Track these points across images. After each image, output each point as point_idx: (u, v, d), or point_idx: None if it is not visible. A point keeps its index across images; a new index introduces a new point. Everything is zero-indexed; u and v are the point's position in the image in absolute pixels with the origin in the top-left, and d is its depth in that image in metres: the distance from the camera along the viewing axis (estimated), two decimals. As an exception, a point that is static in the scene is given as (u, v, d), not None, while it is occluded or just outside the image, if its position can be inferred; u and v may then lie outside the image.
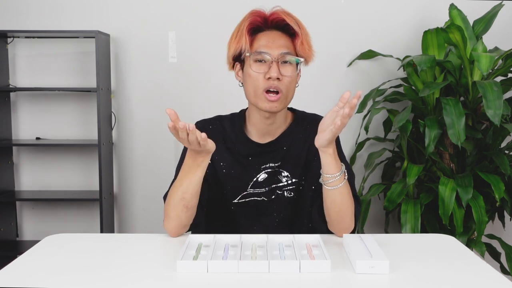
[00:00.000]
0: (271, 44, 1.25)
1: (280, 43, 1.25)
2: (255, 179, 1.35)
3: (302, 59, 1.27)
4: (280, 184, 1.35)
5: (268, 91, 1.25)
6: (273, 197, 1.35)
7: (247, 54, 1.26)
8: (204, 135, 1.08)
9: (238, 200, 1.35)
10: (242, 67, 1.31)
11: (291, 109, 1.43)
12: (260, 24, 1.27)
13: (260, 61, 1.26)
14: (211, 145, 1.14)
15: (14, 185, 2.76)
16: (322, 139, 1.15)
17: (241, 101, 1.43)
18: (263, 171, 1.35)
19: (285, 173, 1.35)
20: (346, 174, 1.21)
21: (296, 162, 1.36)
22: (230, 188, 1.35)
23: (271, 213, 1.36)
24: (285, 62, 1.26)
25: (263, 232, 1.29)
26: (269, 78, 1.24)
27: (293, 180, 1.35)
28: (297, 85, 1.32)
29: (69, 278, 1.00)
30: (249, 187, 1.35)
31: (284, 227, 1.37)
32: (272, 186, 1.35)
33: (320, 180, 1.21)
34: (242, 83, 1.33)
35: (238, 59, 1.31)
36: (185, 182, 1.19)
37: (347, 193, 1.22)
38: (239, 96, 1.41)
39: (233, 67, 1.34)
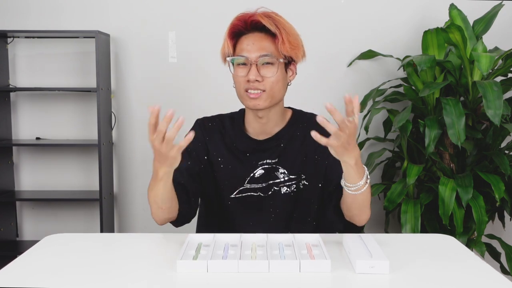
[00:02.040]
0: (251, 47, 1.28)
1: (261, 45, 1.28)
2: (252, 174, 1.37)
3: (281, 60, 1.29)
4: (277, 180, 1.37)
5: (249, 91, 1.29)
6: (269, 193, 1.37)
7: (228, 59, 1.32)
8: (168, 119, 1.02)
9: (235, 195, 1.37)
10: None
11: (290, 108, 1.46)
12: (241, 28, 1.31)
13: (243, 64, 1.30)
14: (173, 160, 1.10)
15: (14, 185, 2.76)
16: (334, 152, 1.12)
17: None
18: (260, 167, 1.37)
19: (282, 170, 1.37)
20: (369, 178, 1.19)
21: (294, 159, 1.38)
22: (228, 183, 1.38)
23: (267, 208, 1.38)
24: (267, 63, 1.29)
25: (259, 227, 1.32)
26: (249, 80, 1.28)
27: (291, 176, 1.37)
28: (289, 84, 1.35)
29: (69, 278, 1.00)
30: (246, 182, 1.37)
31: (280, 223, 1.38)
32: (269, 182, 1.37)
33: (342, 183, 1.19)
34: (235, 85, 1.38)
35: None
36: (154, 189, 1.19)
37: (368, 191, 1.21)
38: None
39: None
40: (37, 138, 2.72)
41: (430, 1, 2.64)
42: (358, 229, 1.34)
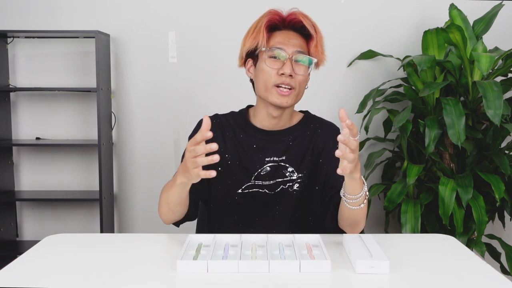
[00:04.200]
0: (287, 42, 1.29)
1: (295, 42, 1.30)
2: (259, 171, 1.36)
3: (315, 60, 1.32)
4: (285, 179, 1.36)
5: (279, 86, 1.29)
6: (277, 190, 1.36)
7: (263, 49, 1.30)
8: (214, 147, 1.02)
9: (242, 190, 1.37)
10: (254, 63, 1.35)
11: (301, 111, 1.47)
12: (278, 23, 1.31)
13: (275, 57, 1.30)
14: (192, 177, 1.11)
15: (14, 185, 2.76)
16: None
17: (240, 101, 1.44)
18: (267, 164, 1.36)
19: (291, 168, 1.36)
20: (367, 194, 1.19)
21: (302, 157, 1.37)
22: (236, 178, 1.37)
23: (272, 206, 1.37)
24: (298, 61, 1.30)
25: (263, 224, 1.34)
26: (282, 74, 1.28)
27: (300, 175, 1.37)
28: (306, 87, 1.36)
29: (69, 278, 1.00)
30: (252, 178, 1.37)
31: (284, 220, 1.38)
32: (277, 180, 1.37)
33: (341, 194, 1.19)
34: (252, 79, 1.37)
35: (251, 55, 1.35)
36: (169, 192, 1.22)
37: (364, 210, 1.22)
38: (238, 96, 1.43)
39: (244, 63, 1.38)
40: (37, 138, 2.72)
41: (430, 1, 2.64)
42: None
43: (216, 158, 1.01)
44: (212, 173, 1.03)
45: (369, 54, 2.63)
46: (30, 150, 2.75)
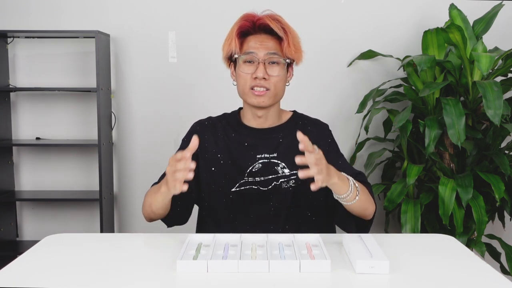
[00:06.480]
0: (258, 46, 1.35)
1: (267, 45, 1.35)
2: (250, 168, 1.40)
3: (288, 60, 1.36)
4: (277, 175, 1.40)
5: (254, 88, 1.36)
6: (269, 187, 1.40)
7: (236, 56, 1.36)
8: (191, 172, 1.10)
9: (236, 188, 1.40)
10: (235, 67, 1.41)
11: (291, 111, 1.51)
12: (249, 28, 1.37)
13: (249, 62, 1.35)
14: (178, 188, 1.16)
15: (14, 185, 2.76)
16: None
17: (240, 101, 1.45)
18: (259, 161, 1.40)
19: (282, 165, 1.40)
20: (358, 188, 1.25)
21: (295, 154, 1.38)
22: (229, 177, 1.41)
23: (267, 202, 1.40)
24: (273, 62, 1.35)
25: (259, 221, 1.37)
26: (256, 77, 1.34)
27: (291, 172, 1.39)
28: (287, 84, 1.41)
29: (69, 278, 1.00)
30: (245, 175, 1.40)
31: (280, 216, 1.40)
32: (269, 176, 1.40)
33: (336, 197, 1.25)
34: (235, 82, 1.43)
35: (231, 60, 1.41)
36: (154, 196, 1.29)
37: (364, 198, 1.28)
38: (237, 96, 1.44)
39: (229, 66, 1.45)
40: (37, 138, 2.72)
41: (430, 1, 2.64)
42: (366, 229, 1.40)
43: (190, 175, 1.09)
44: (184, 187, 1.11)
45: (369, 54, 2.63)
46: (30, 150, 2.75)
